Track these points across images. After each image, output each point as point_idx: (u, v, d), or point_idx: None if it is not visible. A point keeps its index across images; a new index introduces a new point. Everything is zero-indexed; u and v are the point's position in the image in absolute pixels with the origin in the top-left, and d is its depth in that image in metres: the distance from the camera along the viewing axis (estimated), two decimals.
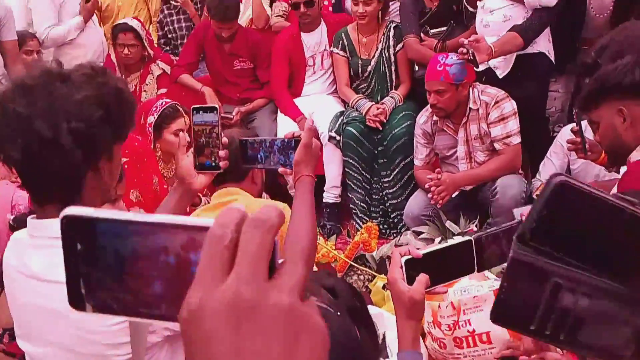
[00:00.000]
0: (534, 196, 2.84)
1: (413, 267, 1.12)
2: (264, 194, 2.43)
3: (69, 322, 1.08)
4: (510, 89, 3.00)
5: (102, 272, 0.44)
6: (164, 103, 2.86)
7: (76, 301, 0.45)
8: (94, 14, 3.94)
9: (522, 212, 1.27)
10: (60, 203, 1.12)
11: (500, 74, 3.10)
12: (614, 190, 1.81)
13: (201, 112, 1.39)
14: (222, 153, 1.39)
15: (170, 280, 0.42)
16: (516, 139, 2.93)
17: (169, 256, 0.42)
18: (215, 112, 1.39)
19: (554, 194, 0.51)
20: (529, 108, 3.09)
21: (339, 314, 0.96)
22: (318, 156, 1.50)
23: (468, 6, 3.26)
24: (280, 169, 1.51)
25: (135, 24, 3.77)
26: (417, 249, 1.14)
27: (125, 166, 2.18)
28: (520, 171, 3.06)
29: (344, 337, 0.93)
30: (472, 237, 1.18)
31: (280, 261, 0.40)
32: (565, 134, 2.92)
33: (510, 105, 2.94)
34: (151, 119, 2.78)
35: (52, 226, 1.12)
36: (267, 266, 0.39)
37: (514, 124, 2.92)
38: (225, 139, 1.41)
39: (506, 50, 3.01)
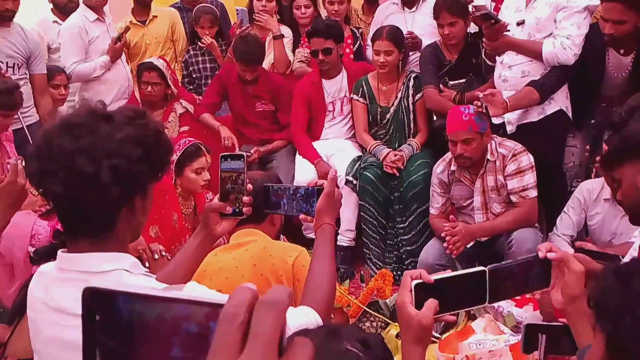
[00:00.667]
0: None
1: (424, 292, 1.11)
2: (281, 235, 2.45)
3: None
4: (528, 142, 3.03)
5: (118, 343, 0.46)
6: (187, 142, 2.92)
7: None
8: (122, 53, 4.04)
9: (538, 248, 1.27)
10: (94, 237, 1.15)
11: (510, 129, 3.14)
12: (634, 253, 1.81)
13: (229, 159, 1.44)
14: (246, 199, 1.43)
15: (189, 346, 0.44)
16: (533, 193, 2.95)
17: (189, 326, 0.43)
18: (242, 159, 1.44)
19: None
20: (546, 162, 3.12)
21: None
22: (340, 205, 1.53)
23: (487, 60, 3.33)
24: (302, 216, 1.55)
25: (160, 63, 3.88)
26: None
27: None
28: (536, 224, 3.07)
29: None
30: (486, 268, 1.18)
31: (287, 337, 0.42)
32: (583, 189, 2.94)
33: (527, 159, 2.97)
34: (174, 157, 2.84)
35: (83, 261, 1.14)
36: (277, 347, 0.40)
37: (530, 178, 2.95)
38: (249, 186, 1.45)
39: (522, 105, 3.06)
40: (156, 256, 1.89)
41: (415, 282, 1.10)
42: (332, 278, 1.40)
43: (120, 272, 1.11)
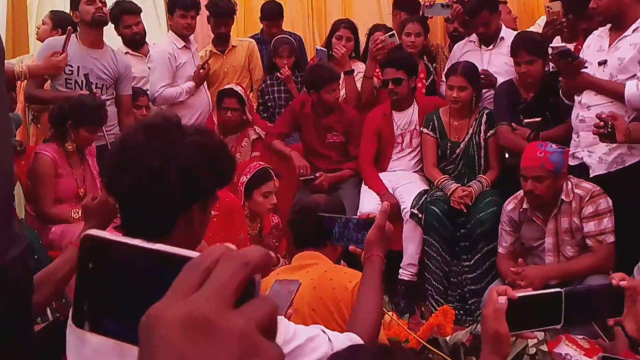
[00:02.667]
0: None
1: (509, 308, 1.16)
2: (342, 261, 2.45)
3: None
4: (605, 185, 2.90)
5: (106, 294, 0.46)
6: (257, 165, 3.00)
7: (78, 318, 0.47)
8: (206, 79, 4.22)
9: (612, 276, 1.30)
10: (149, 240, 1.18)
11: (591, 172, 3.02)
12: None
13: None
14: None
15: None
16: (610, 238, 2.81)
17: (173, 277, 0.43)
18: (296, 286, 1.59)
19: None
20: (623, 207, 2.96)
21: None
22: (391, 238, 1.54)
23: (564, 99, 3.24)
24: (351, 247, 1.58)
25: (239, 89, 4.02)
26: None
27: (215, 219, 2.28)
28: (610, 272, 2.91)
29: None
30: (562, 290, 1.21)
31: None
32: None
33: (605, 202, 2.84)
34: (244, 179, 2.92)
35: None
36: (234, 295, 0.41)
37: (608, 222, 2.81)
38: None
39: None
40: None
41: (503, 297, 1.16)
42: (378, 309, 1.42)
43: None
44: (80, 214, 2.91)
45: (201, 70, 4.12)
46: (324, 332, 1.23)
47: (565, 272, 2.85)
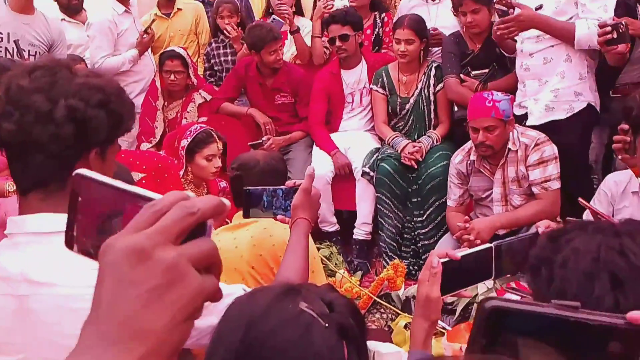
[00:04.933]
0: None
1: (445, 270, 1.18)
2: None
3: (44, 326, 1.03)
4: (554, 138, 2.90)
5: (89, 222, 0.55)
6: (198, 128, 2.90)
7: (69, 242, 0.56)
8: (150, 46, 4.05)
9: (537, 224, 1.31)
10: (45, 193, 1.08)
11: (532, 121, 3.02)
12: None
13: None
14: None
15: None
16: (555, 184, 2.82)
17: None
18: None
19: (488, 321, 0.53)
20: (572, 157, 2.98)
21: (327, 325, 0.91)
22: (317, 203, 1.52)
23: (504, 52, 3.22)
24: (279, 217, 1.55)
25: (182, 51, 3.88)
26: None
27: (143, 181, 2.19)
28: (558, 219, 2.93)
29: (327, 350, 0.88)
30: (492, 245, 1.24)
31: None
32: (609, 182, 2.79)
33: (550, 149, 2.84)
34: (184, 143, 2.82)
35: (32, 221, 1.08)
36: (176, 235, 0.48)
37: (553, 169, 2.82)
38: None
39: None
40: None
41: (442, 260, 1.18)
42: (302, 272, 1.39)
43: None
44: (14, 187, 2.76)
45: (144, 37, 3.93)
46: (244, 290, 1.19)
47: (513, 220, 2.86)
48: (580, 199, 2.36)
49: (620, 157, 2.30)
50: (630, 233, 0.94)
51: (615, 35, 2.57)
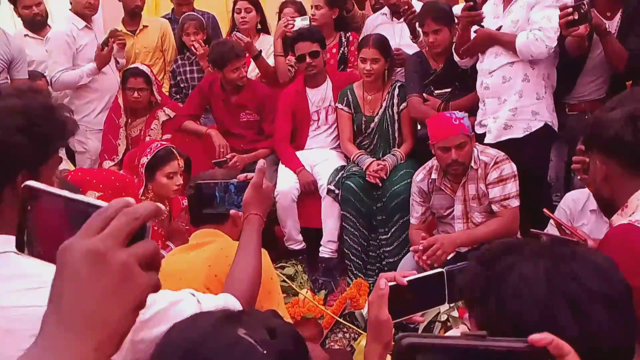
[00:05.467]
0: None
1: (395, 294, 1.17)
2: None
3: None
4: (511, 156, 2.95)
5: (38, 228, 0.63)
6: (158, 145, 2.86)
7: (19, 246, 0.64)
8: (110, 60, 4.00)
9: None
10: None
11: (490, 139, 3.07)
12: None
13: None
14: None
15: None
16: (514, 202, 2.86)
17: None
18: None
19: (405, 356, 0.56)
20: (530, 175, 3.03)
21: (265, 352, 0.89)
22: (269, 198, 1.51)
23: (457, 59, 3.29)
24: (232, 211, 1.52)
25: (145, 68, 3.84)
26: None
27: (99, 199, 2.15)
28: (518, 235, 2.97)
29: None
30: (444, 269, 1.23)
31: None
32: (568, 200, 2.85)
33: (509, 167, 2.88)
34: (144, 160, 2.78)
35: None
36: (125, 238, 0.58)
37: (512, 186, 2.86)
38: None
39: None
40: None
41: (391, 283, 1.17)
42: (255, 269, 1.38)
43: (8, 254, 1.03)
44: None
45: (103, 50, 3.87)
46: (193, 294, 1.17)
47: (472, 238, 2.88)
48: (545, 210, 2.40)
49: (579, 177, 2.35)
50: (572, 255, 0.93)
51: (576, 16, 2.66)
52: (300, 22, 3.83)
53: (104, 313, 0.55)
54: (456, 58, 3.27)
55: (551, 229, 2.88)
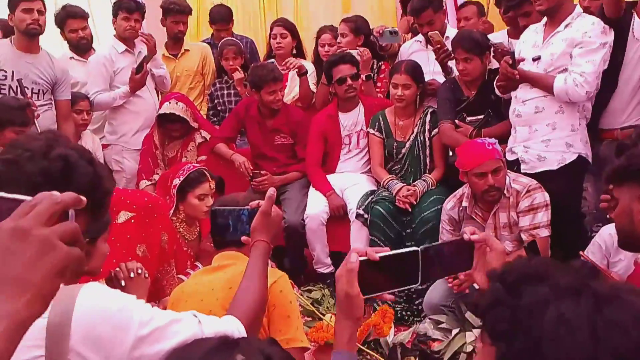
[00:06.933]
0: None
1: (367, 270, 1.12)
2: (269, 262, 2.39)
3: None
4: (545, 187, 2.89)
5: None
6: (191, 167, 2.92)
7: None
8: (145, 84, 4.07)
9: (464, 230, 1.29)
10: None
11: (524, 168, 3.02)
12: None
13: None
14: None
15: None
16: (544, 232, 2.79)
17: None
18: None
19: None
20: (564, 207, 2.96)
21: None
22: (278, 224, 1.53)
23: (499, 93, 3.25)
24: (243, 238, 1.55)
25: (180, 108, 3.80)
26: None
27: (132, 221, 2.21)
28: None
29: None
30: (419, 248, 1.18)
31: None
32: (604, 234, 2.76)
33: (542, 196, 2.83)
34: (176, 181, 2.84)
35: None
36: (47, 219, 0.70)
37: (543, 216, 2.80)
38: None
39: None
40: (132, 274, 1.85)
41: (362, 258, 1.12)
42: (259, 295, 1.39)
43: None
44: None
45: (137, 75, 3.97)
46: (195, 315, 1.19)
47: None
48: (582, 253, 2.34)
49: (608, 215, 2.29)
50: (614, 296, 0.83)
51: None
52: (390, 37, 3.90)
53: (28, 277, 0.67)
54: (498, 92, 3.24)
55: None
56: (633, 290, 0.85)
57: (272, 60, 4.19)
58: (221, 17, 4.72)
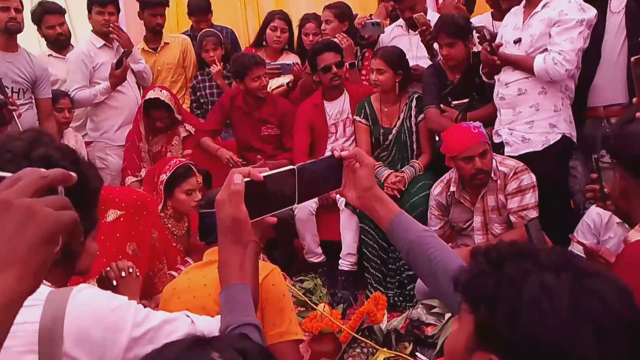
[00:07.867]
0: None
1: (250, 191, 1.07)
2: (261, 254, 2.38)
3: None
4: (530, 164, 2.91)
5: None
6: (177, 162, 2.90)
7: None
8: (125, 79, 4.02)
9: (333, 147, 1.27)
10: None
11: (508, 150, 3.03)
12: None
13: None
14: None
15: None
16: (532, 213, 2.82)
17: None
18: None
19: None
20: (551, 186, 2.98)
21: None
22: (266, 224, 1.49)
23: (484, 77, 3.25)
24: None
25: (165, 96, 3.77)
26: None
27: (121, 219, 2.19)
28: None
29: None
30: (295, 166, 1.15)
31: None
32: (592, 213, 2.79)
33: (529, 178, 2.84)
34: (163, 177, 2.82)
35: None
36: (33, 192, 0.67)
37: (531, 197, 2.82)
38: None
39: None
40: (123, 274, 1.83)
41: (247, 179, 1.07)
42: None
43: None
44: None
45: (117, 70, 3.91)
46: (187, 315, 1.19)
47: None
48: (571, 236, 2.36)
49: (594, 205, 2.30)
50: (595, 272, 0.86)
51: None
52: (372, 27, 3.87)
53: (15, 250, 0.64)
54: (484, 78, 3.25)
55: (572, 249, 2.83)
56: (612, 275, 0.88)
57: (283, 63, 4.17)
58: (199, 8, 4.65)
